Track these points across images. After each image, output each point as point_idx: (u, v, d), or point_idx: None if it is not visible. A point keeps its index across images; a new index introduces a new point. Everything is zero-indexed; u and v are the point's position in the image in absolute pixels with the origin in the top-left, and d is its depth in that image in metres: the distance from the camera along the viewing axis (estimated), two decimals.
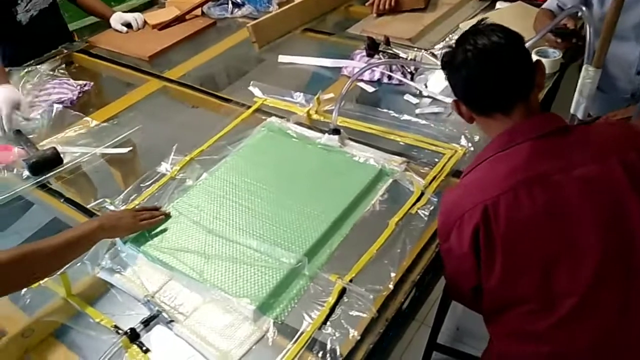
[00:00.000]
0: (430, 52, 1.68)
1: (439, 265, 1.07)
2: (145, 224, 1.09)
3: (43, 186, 1.30)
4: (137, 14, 2.03)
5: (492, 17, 1.84)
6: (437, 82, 1.55)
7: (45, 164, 1.33)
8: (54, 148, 1.35)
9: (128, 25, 2.02)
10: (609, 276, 0.85)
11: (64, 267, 0.98)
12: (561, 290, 0.86)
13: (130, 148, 1.43)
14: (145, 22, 2.03)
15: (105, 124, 1.51)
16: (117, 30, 2.01)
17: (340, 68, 1.68)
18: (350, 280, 0.98)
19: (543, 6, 1.67)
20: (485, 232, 0.88)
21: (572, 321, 0.86)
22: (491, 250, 0.89)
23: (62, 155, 1.35)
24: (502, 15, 1.84)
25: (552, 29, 1.44)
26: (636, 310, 0.85)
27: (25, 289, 1.01)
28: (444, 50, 0.99)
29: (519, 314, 0.91)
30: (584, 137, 0.92)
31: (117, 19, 2.02)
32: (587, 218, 0.85)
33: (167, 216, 1.14)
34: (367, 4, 1.95)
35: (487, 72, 0.91)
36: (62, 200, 1.25)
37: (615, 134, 0.95)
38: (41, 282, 1.03)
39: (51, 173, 1.32)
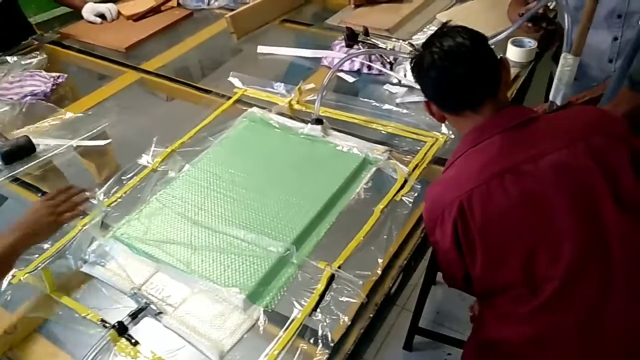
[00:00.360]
0: (409, 42, 1.70)
1: (423, 250, 1.09)
2: (68, 217, 1.00)
3: (17, 180, 1.27)
4: (110, 5, 1.98)
5: (467, 6, 1.88)
6: None
7: (18, 152, 1.30)
8: (27, 136, 1.33)
9: (101, 17, 1.97)
10: (587, 258, 0.88)
11: None
12: (543, 275, 0.89)
13: (109, 140, 1.40)
14: (119, 13, 1.99)
15: (80, 114, 1.48)
16: (89, 22, 1.96)
17: (319, 58, 1.68)
18: (339, 267, 0.99)
19: None
20: (463, 226, 0.91)
21: (554, 305, 0.88)
22: (471, 243, 0.92)
23: (35, 145, 1.32)
24: (475, 4, 1.87)
25: (521, 14, 1.47)
26: (617, 291, 0.87)
27: (5, 285, 0.99)
28: (411, 54, 1.01)
29: (508, 298, 0.93)
30: (552, 125, 0.95)
31: (90, 9, 1.97)
32: (562, 203, 0.88)
33: (87, 199, 1.06)
34: None
35: (454, 72, 0.94)
36: (39, 195, 1.22)
37: (583, 120, 0.98)
38: (21, 277, 1.01)
39: (25, 166, 1.29)
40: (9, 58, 1.67)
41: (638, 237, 0.88)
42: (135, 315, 0.92)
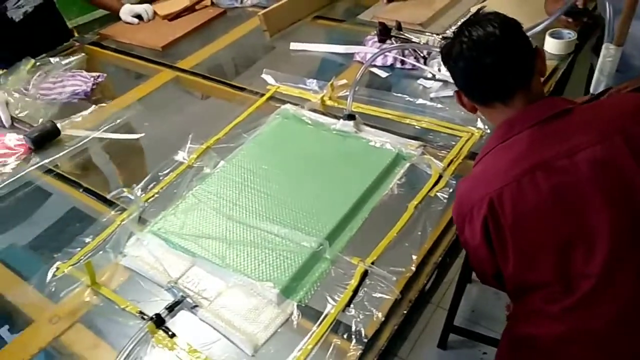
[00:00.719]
0: (442, 37, 1.67)
1: (458, 247, 1.07)
2: None
3: (60, 176, 1.32)
4: (146, 5, 2.03)
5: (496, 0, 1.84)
6: None
7: (47, 136, 1.40)
8: (51, 121, 1.43)
9: (138, 17, 2.02)
10: (624, 256, 0.85)
11: None
12: (578, 272, 0.87)
13: (142, 135, 1.44)
14: (155, 13, 2.03)
15: (114, 110, 1.53)
16: (127, 23, 2.01)
17: (351, 54, 1.67)
18: (372, 263, 0.99)
19: None
20: (494, 223, 0.89)
21: (588, 302, 0.86)
22: (502, 241, 0.90)
23: (60, 128, 1.42)
24: None
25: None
26: None
27: (50, 277, 1.03)
28: (442, 43, 0.99)
29: (541, 295, 0.91)
30: (588, 117, 0.91)
31: (127, 11, 2.02)
32: (597, 200, 0.85)
33: None
34: None
35: (482, 63, 0.91)
36: (81, 190, 1.26)
37: (621, 109, 0.93)
38: (65, 270, 1.04)
39: (55, 156, 1.36)
40: (51, 59, 1.73)
41: None
42: (172, 308, 0.94)
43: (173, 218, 1.12)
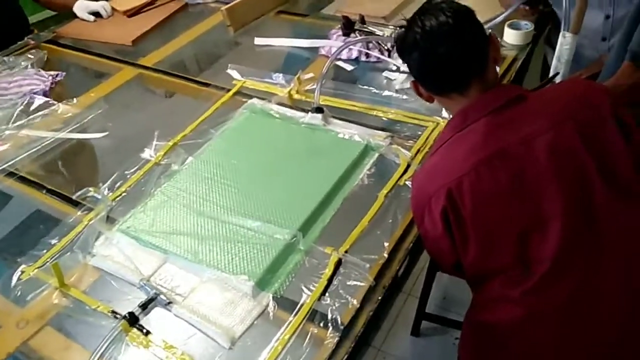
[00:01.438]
0: (397, 26, 1.69)
1: None
2: None
3: (22, 178, 1.27)
4: (103, 2, 1.98)
5: None
6: None
7: None
8: None
9: (94, 14, 1.96)
10: (577, 240, 0.87)
11: None
12: (535, 257, 0.88)
13: (106, 133, 1.40)
14: (113, 9, 1.98)
15: (76, 110, 1.48)
16: (83, 19, 1.95)
17: (316, 48, 1.68)
18: (345, 252, 1.00)
19: None
20: (454, 213, 0.89)
21: (544, 285, 0.88)
22: (462, 230, 0.90)
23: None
24: None
25: None
26: (605, 270, 0.87)
27: (15, 281, 1.00)
28: (396, 33, 0.98)
29: (500, 281, 0.93)
30: (540, 104, 0.92)
31: (83, 7, 1.95)
32: (552, 186, 0.87)
33: None
34: None
35: (435, 53, 0.91)
36: (44, 192, 1.22)
37: (570, 95, 0.95)
38: (31, 273, 1.01)
39: (18, 157, 1.32)
40: (5, 58, 1.67)
41: (628, 211, 0.88)
42: (145, 306, 0.93)
43: (142, 216, 1.10)
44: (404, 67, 1.52)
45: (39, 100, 1.53)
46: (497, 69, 1.01)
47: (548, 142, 0.87)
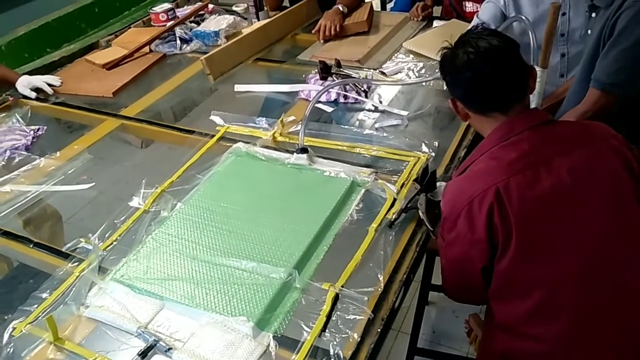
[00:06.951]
0: (380, 71, 1.78)
1: (420, 266, 1.12)
2: None
3: (7, 234, 1.25)
4: (47, 76, 1.87)
5: (430, 33, 1.99)
6: (387, 95, 1.66)
7: None
8: None
9: (36, 90, 1.83)
10: (608, 255, 0.93)
11: None
12: (564, 272, 0.93)
13: (93, 184, 1.41)
14: (92, 63, 2.01)
15: (59, 162, 1.48)
16: (25, 97, 1.81)
17: (294, 92, 1.74)
18: (342, 286, 1.01)
19: (472, 23, 1.81)
20: (500, 211, 0.93)
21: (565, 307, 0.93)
22: (507, 228, 0.93)
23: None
24: (438, 31, 1.98)
25: None
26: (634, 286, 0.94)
27: (6, 338, 0.97)
28: (441, 52, 1.05)
29: (528, 306, 0.95)
30: (567, 128, 1.03)
31: (24, 83, 1.82)
32: (590, 199, 0.94)
33: None
34: (313, 31, 2.05)
35: (490, 73, 0.98)
36: (31, 246, 1.21)
37: (594, 126, 1.05)
38: (23, 329, 0.99)
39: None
40: None
41: None
42: (145, 354, 0.92)
43: (135, 263, 1.10)
44: (381, 107, 1.59)
45: (20, 155, 1.53)
46: None
47: (584, 155, 0.96)
